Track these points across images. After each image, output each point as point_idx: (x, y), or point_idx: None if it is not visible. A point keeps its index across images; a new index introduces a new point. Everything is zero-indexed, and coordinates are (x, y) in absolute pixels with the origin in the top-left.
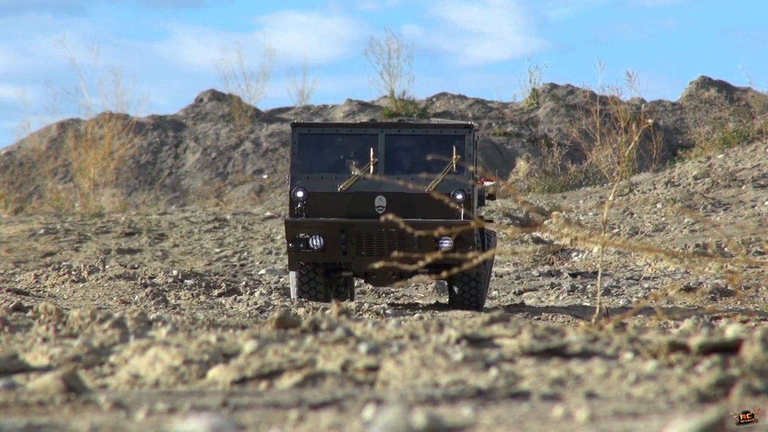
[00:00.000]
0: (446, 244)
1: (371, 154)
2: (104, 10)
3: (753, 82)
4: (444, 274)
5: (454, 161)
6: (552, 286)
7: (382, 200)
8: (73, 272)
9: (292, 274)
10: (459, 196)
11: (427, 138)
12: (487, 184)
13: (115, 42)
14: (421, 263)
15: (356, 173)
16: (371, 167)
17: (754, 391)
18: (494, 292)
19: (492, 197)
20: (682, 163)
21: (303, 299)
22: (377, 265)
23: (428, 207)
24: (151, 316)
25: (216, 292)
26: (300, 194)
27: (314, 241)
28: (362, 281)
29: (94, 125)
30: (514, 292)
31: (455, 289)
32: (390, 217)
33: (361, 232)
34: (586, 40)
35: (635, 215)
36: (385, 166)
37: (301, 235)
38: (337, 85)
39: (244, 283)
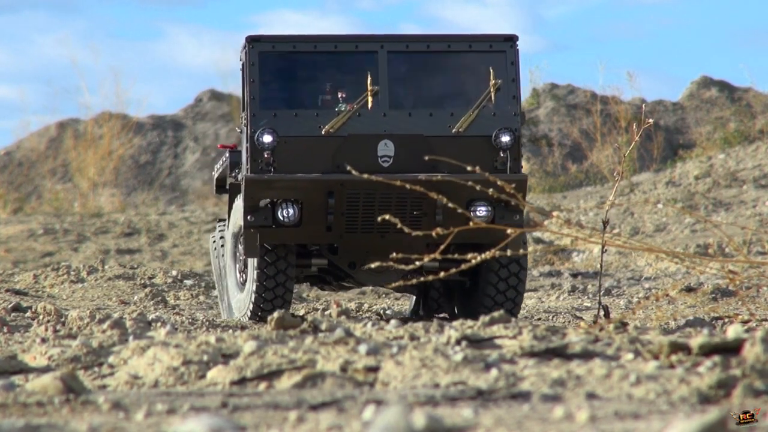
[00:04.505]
0: (483, 212)
1: (368, 80)
2: (99, 9)
3: (754, 81)
4: (470, 261)
5: (492, 89)
6: (552, 286)
7: (388, 147)
8: (72, 272)
9: (251, 264)
10: (505, 139)
11: (449, 56)
12: None
13: (111, 41)
14: (430, 256)
15: (346, 109)
16: (369, 99)
17: (755, 391)
18: None
19: None
20: (683, 163)
21: (260, 309)
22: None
23: (456, 156)
24: (150, 317)
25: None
26: (268, 139)
27: (284, 211)
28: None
29: (93, 125)
30: None
31: (485, 289)
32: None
33: (357, 194)
34: (582, 39)
35: (636, 215)
36: (389, 99)
37: (263, 203)
38: None
39: None
